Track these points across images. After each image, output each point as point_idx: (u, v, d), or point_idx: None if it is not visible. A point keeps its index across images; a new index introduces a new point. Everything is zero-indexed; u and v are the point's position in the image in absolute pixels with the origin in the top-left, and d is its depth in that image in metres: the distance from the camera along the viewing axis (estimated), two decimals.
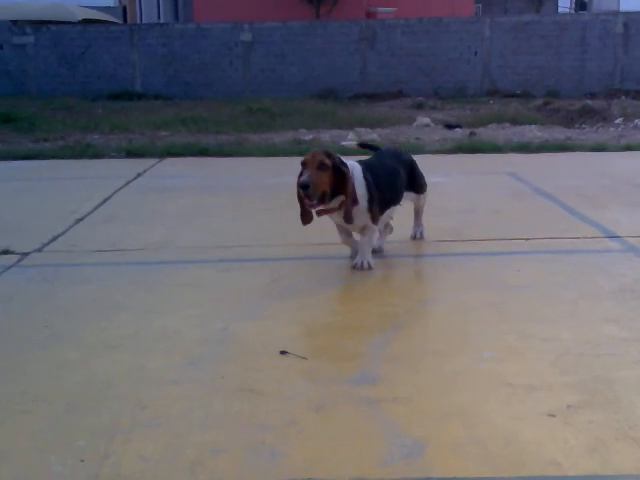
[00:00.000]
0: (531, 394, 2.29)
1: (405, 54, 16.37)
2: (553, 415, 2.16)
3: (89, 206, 5.13)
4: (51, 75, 16.52)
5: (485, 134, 9.37)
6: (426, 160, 6.87)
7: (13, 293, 3.38)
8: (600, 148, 7.75)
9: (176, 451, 2.01)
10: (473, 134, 9.35)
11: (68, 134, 9.65)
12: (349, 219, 3.44)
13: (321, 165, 3.31)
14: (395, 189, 3.74)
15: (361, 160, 3.69)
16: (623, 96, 13.89)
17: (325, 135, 9.47)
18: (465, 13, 22.66)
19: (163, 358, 2.62)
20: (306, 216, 3.54)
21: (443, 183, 5.81)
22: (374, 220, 3.58)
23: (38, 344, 2.77)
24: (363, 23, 16.82)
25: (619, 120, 10.51)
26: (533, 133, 9.43)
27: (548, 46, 16.22)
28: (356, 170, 3.51)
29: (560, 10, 33.57)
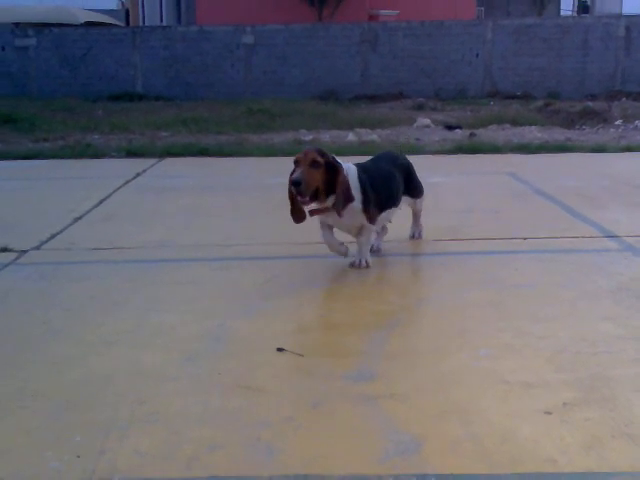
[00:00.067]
0: (527, 391, 2.30)
1: (407, 56, 16.38)
2: (549, 412, 2.16)
3: (88, 205, 5.13)
4: (52, 77, 16.55)
5: (485, 135, 9.37)
6: (426, 160, 6.90)
7: (11, 290, 3.38)
8: (600, 149, 7.75)
9: (173, 446, 2.01)
10: (473, 135, 9.35)
11: (68, 134, 9.67)
12: (340, 211, 3.38)
13: (313, 162, 3.30)
14: (391, 192, 3.72)
15: (357, 163, 3.68)
16: (624, 98, 13.90)
17: (325, 136, 9.47)
18: (467, 16, 22.65)
19: (161, 354, 2.62)
20: (297, 214, 3.51)
21: (442, 183, 5.81)
22: (371, 220, 3.57)
23: (36, 340, 2.77)
24: (365, 25, 16.84)
25: (619, 121, 10.51)
26: (533, 134, 9.43)
27: (550, 48, 16.23)
28: (351, 171, 3.50)
29: (562, 13, 33.55)
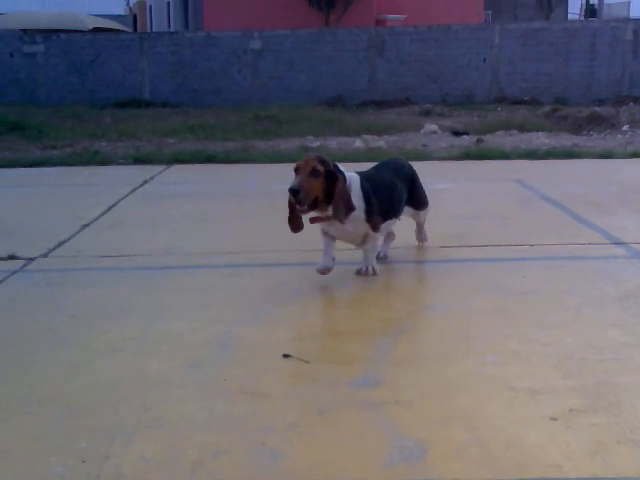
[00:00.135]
0: (533, 397, 2.29)
1: (414, 61, 16.39)
2: (555, 418, 2.16)
3: (95, 212, 5.15)
4: (60, 83, 16.61)
5: (492, 141, 9.37)
6: (433, 167, 6.91)
7: (18, 297, 3.40)
8: (607, 155, 7.72)
9: (178, 452, 2.02)
10: (480, 141, 9.34)
11: (76, 141, 9.70)
12: (342, 219, 3.34)
13: (313, 171, 3.25)
14: (393, 201, 3.67)
15: (360, 171, 3.66)
16: (631, 103, 13.84)
17: (332, 142, 9.48)
18: (474, 20, 22.66)
19: (166, 361, 2.63)
20: (295, 223, 3.45)
21: (450, 189, 5.81)
22: (375, 228, 3.53)
23: (43, 347, 2.79)
24: (372, 30, 16.88)
25: (627, 127, 10.48)
26: (540, 140, 9.42)
27: (557, 53, 16.22)
28: (354, 180, 3.46)
29: (570, 17, 33.53)
